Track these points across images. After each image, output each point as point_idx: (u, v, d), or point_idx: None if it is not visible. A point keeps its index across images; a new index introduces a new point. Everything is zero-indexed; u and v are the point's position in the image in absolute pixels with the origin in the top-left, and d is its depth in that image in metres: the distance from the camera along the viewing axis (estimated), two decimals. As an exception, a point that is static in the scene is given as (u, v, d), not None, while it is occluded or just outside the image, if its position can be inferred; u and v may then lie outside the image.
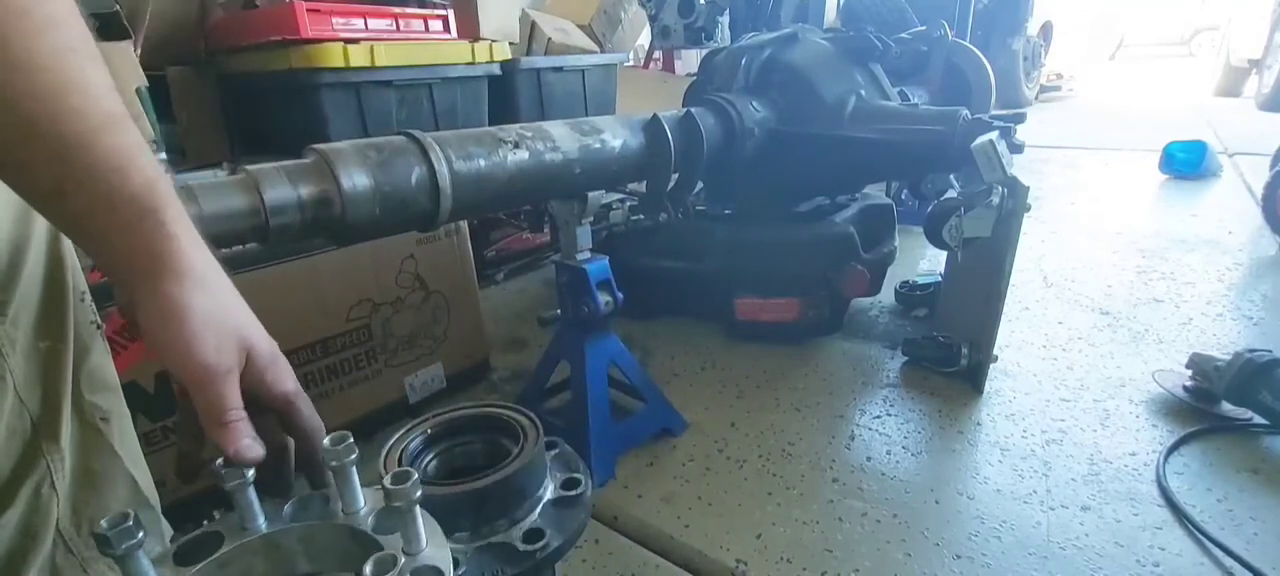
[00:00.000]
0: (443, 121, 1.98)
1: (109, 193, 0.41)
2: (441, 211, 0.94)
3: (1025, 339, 1.70)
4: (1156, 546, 1.02)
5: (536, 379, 1.42)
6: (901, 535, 1.07)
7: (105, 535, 0.39)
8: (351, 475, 0.47)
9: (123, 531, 0.39)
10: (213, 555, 0.45)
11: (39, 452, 0.56)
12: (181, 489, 1.17)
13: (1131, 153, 3.89)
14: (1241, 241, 2.32)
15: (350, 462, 0.47)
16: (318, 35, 1.67)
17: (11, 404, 0.54)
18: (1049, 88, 7.20)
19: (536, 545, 0.54)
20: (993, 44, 5.11)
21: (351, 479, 0.47)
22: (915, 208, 2.47)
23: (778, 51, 1.64)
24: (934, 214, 1.43)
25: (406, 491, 0.43)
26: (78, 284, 0.62)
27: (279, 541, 0.47)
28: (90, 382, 0.62)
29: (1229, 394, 1.29)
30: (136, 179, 0.42)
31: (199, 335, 0.43)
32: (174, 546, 0.45)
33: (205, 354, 0.43)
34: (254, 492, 0.47)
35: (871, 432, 1.35)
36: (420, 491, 0.44)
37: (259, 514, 0.47)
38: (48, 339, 0.57)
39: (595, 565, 1.06)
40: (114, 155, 0.41)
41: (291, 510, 0.49)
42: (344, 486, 0.47)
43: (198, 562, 0.44)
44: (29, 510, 0.56)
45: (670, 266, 1.76)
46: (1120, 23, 11.16)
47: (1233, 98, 6.10)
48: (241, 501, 0.46)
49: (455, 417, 0.65)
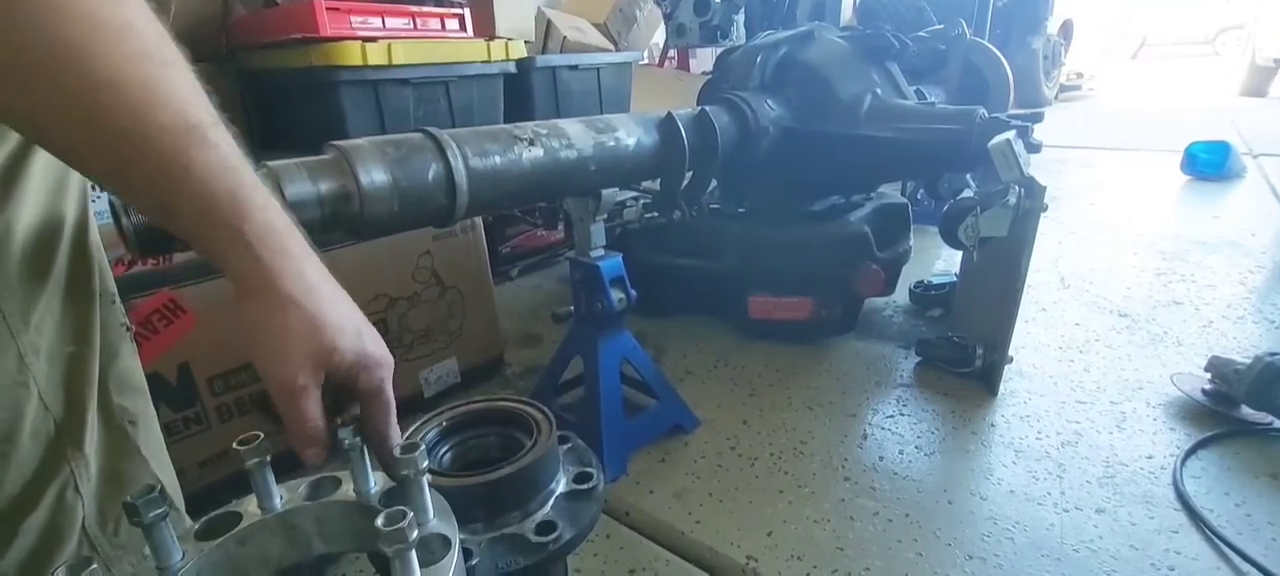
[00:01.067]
0: (459, 119, 2.00)
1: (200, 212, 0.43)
2: (458, 207, 0.95)
3: (1041, 340, 1.68)
4: (1172, 550, 1.01)
5: (550, 374, 1.43)
6: (913, 534, 1.07)
7: (134, 504, 0.41)
8: (363, 457, 0.49)
9: (150, 501, 0.42)
10: (231, 532, 0.47)
11: (63, 457, 0.57)
12: (201, 480, 1.19)
13: (1152, 153, 3.84)
14: (1264, 243, 2.28)
15: (359, 445, 0.49)
16: (336, 33, 1.69)
17: (36, 409, 0.55)
18: (1069, 87, 7.11)
19: (549, 537, 0.55)
20: (1012, 43, 5.05)
21: (363, 461, 0.49)
22: (931, 207, 2.45)
23: (793, 50, 1.63)
24: (950, 213, 1.42)
25: (413, 460, 0.45)
26: (107, 287, 0.63)
27: (294, 520, 0.49)
28: (118, 385, 0.63)
29: (1249, 397, 1.27)
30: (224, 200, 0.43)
31: (277, 354, 0.45)
32: (195, 525, 0.47)
33: (283, 373, 0.45)
34: (271, 473, 0.48)
35: (884, 432, 1.35)
36: (427, 461, 0.46)
37: (275, 493, 0.49)
38: (73, 344, 0.58)
39: (606, 559, 1.07)
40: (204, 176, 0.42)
41: (306, 491, 0.51)
42: (356, 468, 0.49)
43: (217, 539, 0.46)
44: (53, 513, 0.57)
45: (684, 264, 1.77)
46: (1142, 21, 11.00)
47: (1258, 97, 5.99)
48: (259, 481, 0.48)
49: (470, 411, 0.66)
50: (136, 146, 0.40)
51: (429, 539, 0.45)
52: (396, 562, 0.39)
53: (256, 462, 0.48)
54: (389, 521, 0.39)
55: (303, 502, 0.50)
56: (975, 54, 2.11)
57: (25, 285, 0.53)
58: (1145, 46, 11.56)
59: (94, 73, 0.38)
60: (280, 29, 1.77)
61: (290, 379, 0.45)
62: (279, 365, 0.45)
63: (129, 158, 0.41)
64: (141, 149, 0.40)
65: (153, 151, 0.40)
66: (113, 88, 0.39)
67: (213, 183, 0.43)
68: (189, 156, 0.42)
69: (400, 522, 0.39)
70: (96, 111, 0.39)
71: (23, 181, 0.52)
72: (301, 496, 0.50)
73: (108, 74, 0.39)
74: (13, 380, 0.53)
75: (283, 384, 0.45)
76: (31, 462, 0.55)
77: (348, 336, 0.47)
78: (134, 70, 0.40)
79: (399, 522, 0.39)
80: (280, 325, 0.45)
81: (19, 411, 0.54)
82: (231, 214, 0.43)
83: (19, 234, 0.52)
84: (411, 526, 0.39)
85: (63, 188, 0.57)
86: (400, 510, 0.40)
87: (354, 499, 0.50)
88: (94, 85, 0.38)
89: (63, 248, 0.57)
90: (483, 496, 0.56)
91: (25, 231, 0.53)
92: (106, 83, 0.39)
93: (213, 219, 0.43)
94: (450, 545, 0.44)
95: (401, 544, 0.39)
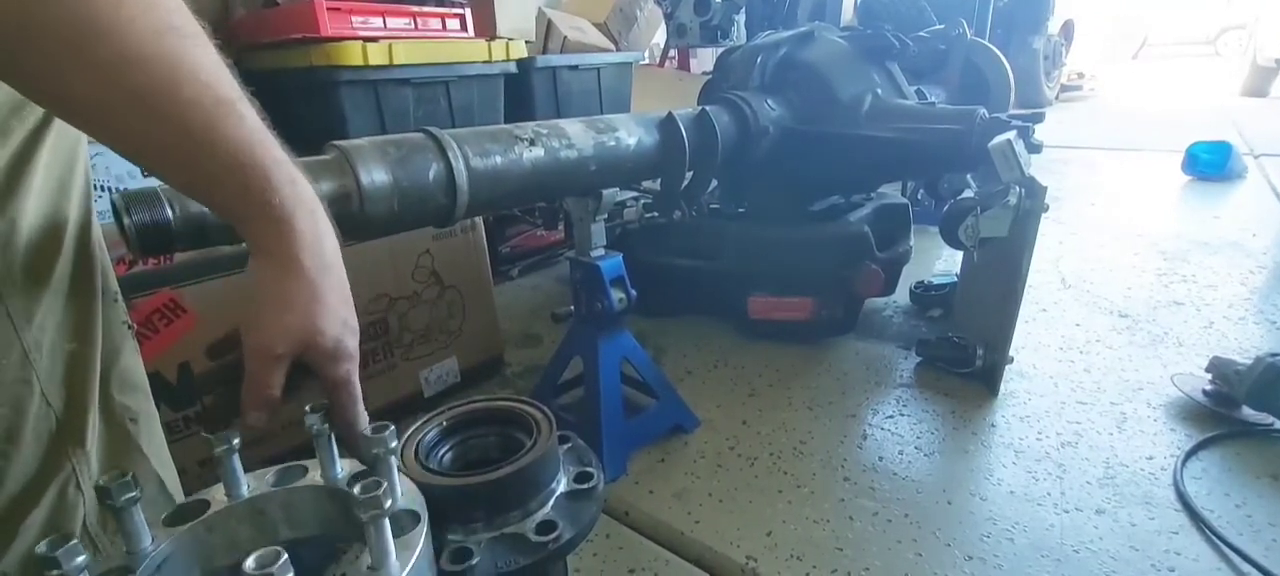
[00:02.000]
0: (459, 119, 2.00)
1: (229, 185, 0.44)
2: (458, 207, 0.95)
3: (1042, 341, 1.68)
4: (1172, 551, 1.01)
5: (550, 374, 1.43)
6: (913, 535, 1.07)
7: (107, 487, 0.43)
8: (330, 444, 0.51)
9: (122, 486, 0.43)
10: (199, 518, 0.49)
11: (65, 454, 0.57)
12: (202, 479, 1.19)
13: (1154, 153, 3.83)
14: (1266, 244, 2.28)
15: (325, 430, 0.51)
16: (337, 33, 1.69)
17: (38, 406, 0.55)
18: (1070, 87, 7.10)
19: (549, 537, 0.55)
20: (1013, 43, 5.04)
21: (329, 448, 0.52)
22: (931, 207, 2.45)
23: (794, 50, 1.63)
24: (950, 213, 1.42)
25: (383, 439, 0.49)
26: (109, 286, 0.63)
27: (262, 506, 0.51)
28: (120, 384, 0.63)
29: (1250, 398, 1.27)
30: (253, 173, 0.45)
31: (267, 319, 0.47)
32: (164, 513, 0.49)
33: (265, 338, 0.47)
34: (238, 461, 0.50)
35: (884, 432, 1.35)
36: (396, 442, 0.49)
37: (243, 481, 0.51)
38: (75, 342, 0.58)
39: (606, 559, 1.07)
40: (234, 150, 0.44)
41: (273, 478, 0.52)
42: (323, 454, 0.52)
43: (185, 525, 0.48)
44: (54, 510, 0.57)
45: (684, 264, 1.77)
46: (1144, 22, 10.98)
47: (1259, 98, 5.98)
48: (226, 469, 0.50)
49: (470, 411, 0.66)
50: (166, 121, 0.41)
51: (399, 514, 0.47)
52: (371, 529, 0.41)
53: (224, 450, 0.49)
54: (365, 491, 0.40)
55: (270, 489, 0.51)
56: (976, 54, 2.11)
57: (29, 282, 0.54)
58: (1146, 46, 11.55)
59: (124, 49, 0.39)
60: (281, 29, 1.77)
61: (270, 346, 0.47)
62: (265, 330, 0.47)
63: (158, 133, 0.41)
64: (170, 124, 0.41)
65: (182, 126, 0.41)
66: (142, 64, 0.39)
67: (242, 156, 0.44)
68: (219, 131, 0.43)
69: (375, 491, 0.40)
70: (127, 88, 0.39)
71: (27, 179, 0.53)
72: (268, 483, 0.52)
73: (137, 50, 0.39)
74: (16, 376, 0.53)
75: (262, 348, 0.47)
76: (34, 459, 0.55)
77: (334, 326, 0.49)
78: (162, 46, 0.40)
79: (374, 491, 0.40)
80: (283, 292, 0.47)
81: (22, 408, 0.54)
82: (260, 186, 0.45)
83: (23, 231, 0.53)
84: (386, 495, 0.40)
85: (66, 186, 0.58)
86: (375, 480, 0.42)
87: (321, 484, 0.52)
88: (123, 61, 0.39)
89: (66, 245, 0.57)
90: (483, 496, 0.56)
91: (29, 229, 0.53)
92: (136, 59, 0.39)
93: (242, 191, 0.45)
94: (419, 519, 0.47)
95: (376, 510, 0.40)
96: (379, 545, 0.42)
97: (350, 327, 0.51)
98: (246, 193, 0.45)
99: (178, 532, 0.47)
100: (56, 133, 0.55)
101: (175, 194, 0.68)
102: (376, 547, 0.42)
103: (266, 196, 0.45)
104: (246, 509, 0.51)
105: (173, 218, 0.67)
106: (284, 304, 0.47)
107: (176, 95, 0.41)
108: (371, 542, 0.42)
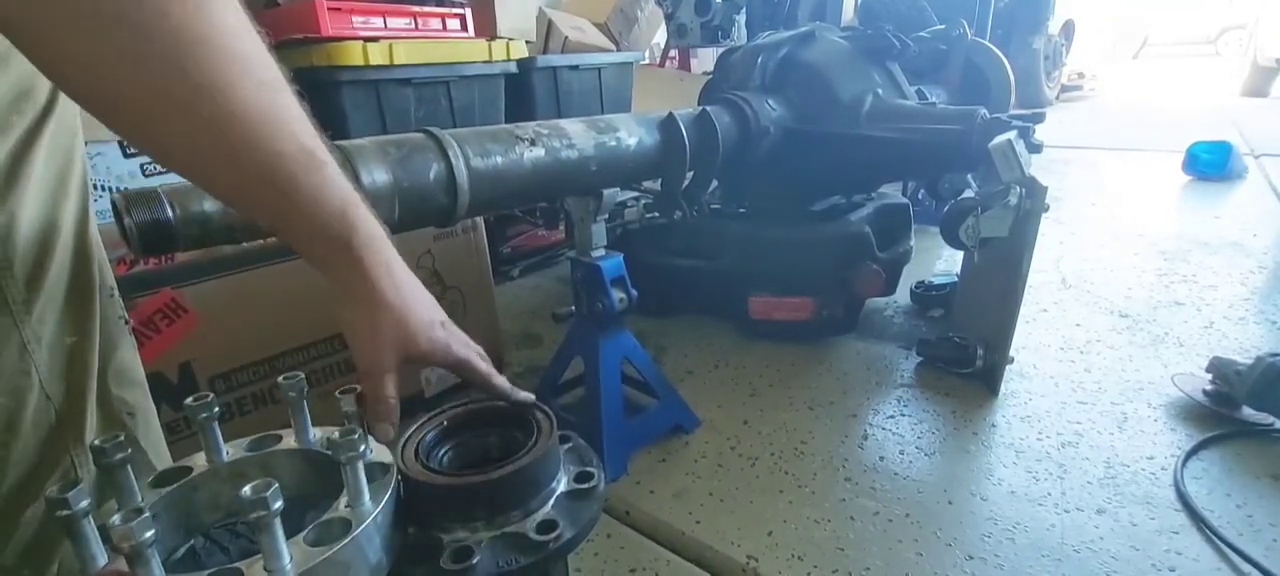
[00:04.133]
0: (460, 119, 2.00)
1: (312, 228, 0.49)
2: (459, 207, 0.95)
3: (1042, 341, 1.68)
4: (1173, 551, 1.01)
5: (551, 374, 1.43)
6: (914, 535, 1.07)
7: (101, 447, 0.46)
8: (303, 411, 0.56)
9: (115, 446, 0.47)
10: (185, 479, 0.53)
11: (63, 447, 0.57)
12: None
13: (1154, 153, 3.83)
14: (1266, 244, 2.28)
15: (298, 398, 0.56)
16: (338, 34, 1.69)
17: (37, 399, 0.55)
18: (1070, 87, 7.10)
19: (549, 536, 0.55)
20: (1013, 43, 5.04)
21: (303, 414, 0.57)
22: (932, 207, 2.45)
23: (794, 50, 1.63)
24: (951, 213, 1.42)
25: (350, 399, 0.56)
26: (106, 280, 0.63)
27: (243, 469, 0.55)
28: (117, 378, 0.64)
29: (1250, 398, 1.27)
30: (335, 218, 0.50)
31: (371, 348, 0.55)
32: (153, 475, 0.53)
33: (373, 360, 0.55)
34: (218, 430, 0.55)
35: (885, 432, 1.35)
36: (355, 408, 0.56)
37: (222, 448, 0.55)
38: (74, 335, 0.58)
39: (607, 558, 1.07)
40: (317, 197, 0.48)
41: (249, 444, 0.57)
42: (297, 420, 0.57)
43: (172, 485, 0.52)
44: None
45: (684, 264, 1.77)
46: (1144, 21, 10.98)
47: (1260, 98, 5.98)
48: (208, 437, 0.54)
49: (470, 411, 0.66)
50: (258, 172, 0.44)
51: (371, 465, 0.52)
52: (347, 470, 0.46)
53: (205, 418, 0.53)
54: (344, 435, 0.46)
55: (246, 453, 0.56)
56: (976, 54, 2.11)
57: (28, 275, 0.54)
58: (1147, 46, 11.55)
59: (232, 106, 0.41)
60: (282, 29, 1.77)
61: (379, 365, 0.55)
62: (372, 356, 0.55)
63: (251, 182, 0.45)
64: (263, 174, 0.45)
65: (273, 176, 0.45)
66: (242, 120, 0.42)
67: (325, 202, 0.49)
68: (305, 179, 0.47)
69: (351, 437, 0.46)
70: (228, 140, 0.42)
71: (26, 175, 0.53)
72: (244, 448, 0.56)
73: (238, 106, 0.41)
74: (16, 369, 0.53)
75: (372, 369, 0.55)
76: (32, 452, 0.55)
77: (423, 332, 0.57)
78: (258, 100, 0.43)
79: (351, 437, 0.46)
80: (375, 326, 0.54)
81: (21, 401, 0.54)
82: (341, 229, 0.50)
83: (23, 226, 0.53)
84: (361, 439, 0.47)
85: (64, 181, 0.58)
86: (352, 429, 0.48)
87: (297, 448, 0.56)
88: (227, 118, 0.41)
89: (65, 240, 0.58)
90: (484, 495, 0.56)
91: (29, 223, 0.54)
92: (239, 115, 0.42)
93: (324, 234, 0.50)
94: (389, 469, 0.52)
95: (353, 453, 0.46)
96: (355, 485, 0.47)
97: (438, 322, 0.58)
98: (326, 239, 0.50)
99: (165, 492, 0.51)
100: (54, 128, 0.55)
101: (175, 194, 0.68)
102: (352, 487, 0.47)
103: (347, 237, 0.50)
104: (228, 470, 0.55)
105: (174, 217, 0.67)
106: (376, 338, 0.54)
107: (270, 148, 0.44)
108: (348, 483, 0.47)
